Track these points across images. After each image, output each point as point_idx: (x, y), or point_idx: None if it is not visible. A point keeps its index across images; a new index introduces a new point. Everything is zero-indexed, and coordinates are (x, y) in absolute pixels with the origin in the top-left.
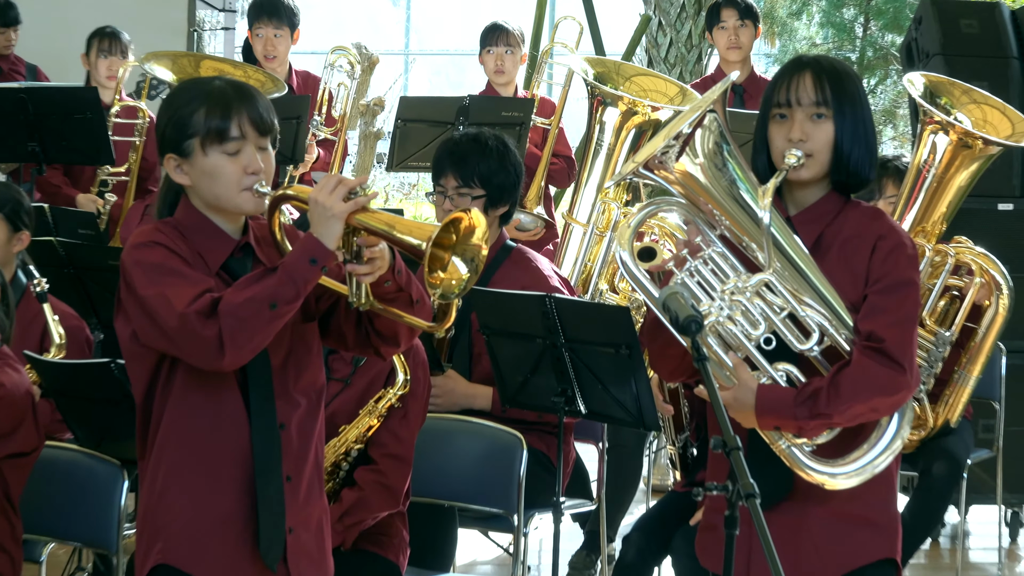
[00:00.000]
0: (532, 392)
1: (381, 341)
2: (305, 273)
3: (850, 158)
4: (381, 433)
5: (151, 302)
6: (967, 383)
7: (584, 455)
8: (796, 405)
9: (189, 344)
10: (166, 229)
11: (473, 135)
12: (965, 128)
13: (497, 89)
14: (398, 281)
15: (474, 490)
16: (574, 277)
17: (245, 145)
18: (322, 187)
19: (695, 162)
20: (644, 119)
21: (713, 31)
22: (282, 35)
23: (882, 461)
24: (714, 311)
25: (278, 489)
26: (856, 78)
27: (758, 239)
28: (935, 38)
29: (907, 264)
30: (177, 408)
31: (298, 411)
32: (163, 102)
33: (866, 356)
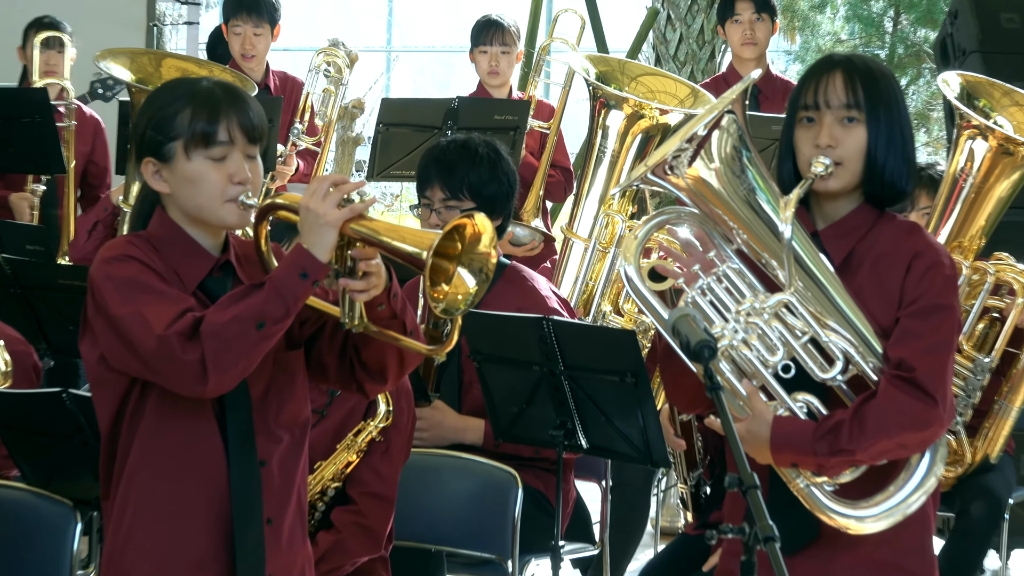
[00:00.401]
0: (528, 425)
1: (366, 375)
2: (295, 288)
3: (884, 167)
4: (361, 470)
5: (126, 322)
6: (1009, 415)
7: (585, 494)
8: (815, 440)
9: (169, 368)
10: (139, 242)
11: (462, 141)
12: (1006, 133)
13: (490, 91)
14: (393, 306)
15: (464, 533)
16: (574, 297)
17: (232, 152)
18: (314, 192)
19: (710, 167)
20: (651, 123)
21: (726, 25)
22: (262, 33)
23: (914, 501)
24: (728, 334)
25: (258, 533)
26: (893, 79)
27: (778, 255)
28: (972, 33)
29: (944, 285)
30: (147, 441)
31: (280, 447)
32: (144, 102)
33: (895, 386)
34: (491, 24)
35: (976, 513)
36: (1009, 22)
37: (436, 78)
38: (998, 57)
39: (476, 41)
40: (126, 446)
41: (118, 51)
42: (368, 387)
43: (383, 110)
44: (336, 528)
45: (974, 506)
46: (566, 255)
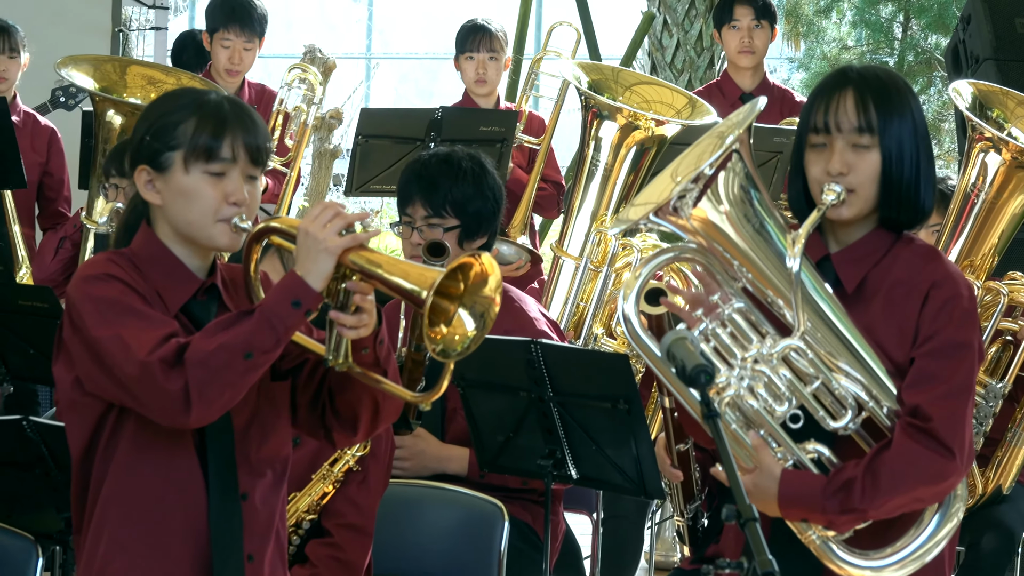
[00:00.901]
0: (515, 454)
1: (337, 423)
2: (287, 318)
3: (901, 191)
4: (337, 500)
5: (105, 345)
6: (1022, 443)
7: (575, 527)
8: (825, 497)
9: (150, 396)
10: (120, 261)
11: (444, 155)
12: (1021, 146)
13: (476, 100)
14: (378, 353)
15: (447, 568)
16: (565, 319)
17: (232, 170)
18: (315, 217)
19: (719, 209)
20: (646, 135)
21: (723, 30)
22: (252, 48)
23: (933, 547)
24: (733, 383)
25: (238, 569)
26: (909, 93)
27: (785, 294)
28: (986, 40)
29: (963, 321)
30: (122, 471)
31: (262, 481)
32: (146, 108)
33: (910, 438)
34: (478, 29)
35: (987, 547)
36: None
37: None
38: (1013, 65)
39: (462, 47)
40: (99, 476)
41: (80, 58)
42: (336, 435)
43: (362, 121)
44: (311, 562)
45: (985, 540)
46: (556, 274)
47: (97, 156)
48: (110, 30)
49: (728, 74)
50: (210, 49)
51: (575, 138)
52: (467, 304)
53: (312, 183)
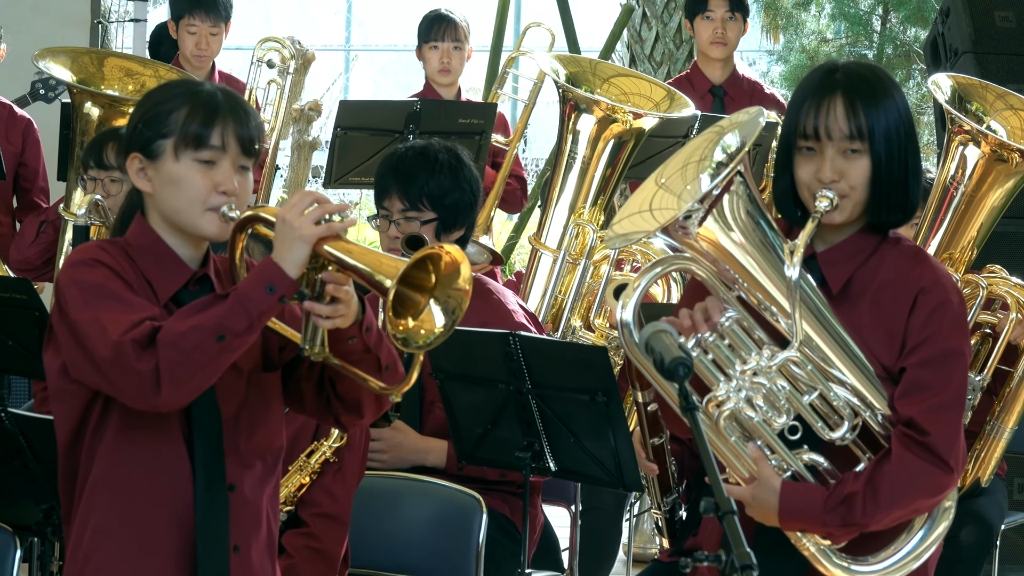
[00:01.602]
0: (493, 446)
1: (343, 408)
2: (260, 302)
3: (891, 194)
4: (313, 491)
5: (83, 327)
6: (1001, 436)
7: (554, 519)
8: (826, 511)
9: (122, 378)
10: (112, 249)
11: (420, 148)
12: (999, 139)
13: (439, 91)
14: (366, 340)
15: (425, 560)
16: (543, 312)
17: (222, 159)
18: (293, 205)
19: (730, 236)
20: (624, 128)
21: (695, 20)
22: (218, 33)
23: (925, 551)
24: (732, 396)
25: (223, 560)
26: (896, 91)
27: (780, 303)
28: (965, 33)
29: (953, 328)
30: (108, 459)
31: (251, 472)
32: (141, 98)
33: (908, 450)
34: (441, 19)
35: (966, 539)
36: (1004, 21)
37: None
38: (992, 58)
39: (425, 37)
40: (86, 465)
41: (58, 50)
42: (345, 420)
43: (341, 113)
44: (288, 552)
45: (964, 532)
46: (534, 267)
47: (75, 148)
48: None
49: (698, 66)
50: (176, 37)
51: (553, 129)
52: (440, 298)
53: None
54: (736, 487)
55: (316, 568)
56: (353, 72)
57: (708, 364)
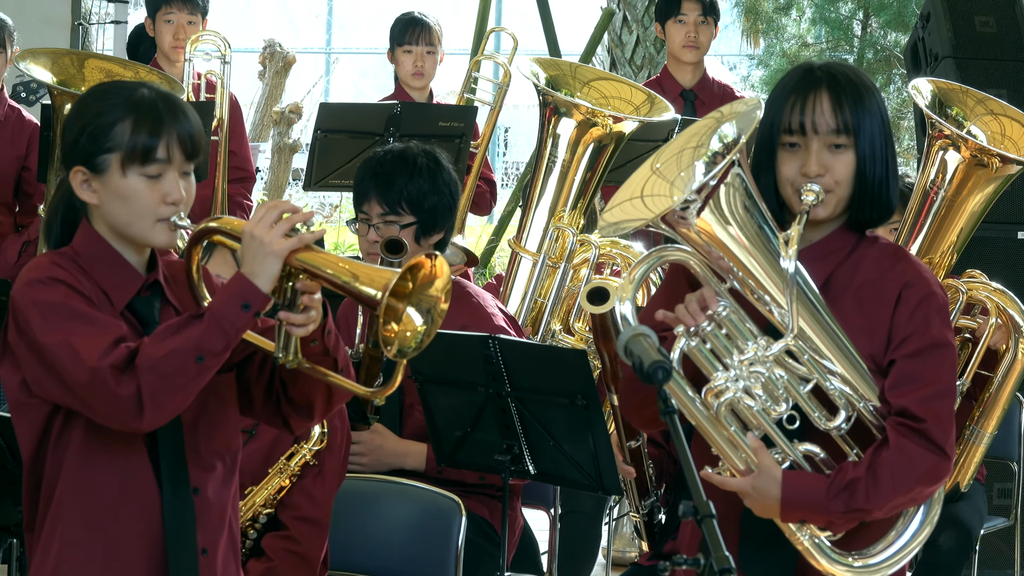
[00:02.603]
0: (473, 449)
1: (292, 411)
2: (236, 320)
3: (874, 188)
4: (293, 494)
5: (53, 351)
6: (980, 441)
7: (533, 523)
8: (829, 497)
9: (101, 402)
10: (63, 262)
11: (399, 151)
12: (980, 143)
13: (411, 93)
14: (326, 343)
15: (404, 563)
16: (523, 315)
17: (168, 170)
18: (260, 219)
19: (726, 228)
20: (604, 131)
21: (667, 24)
22: (195, 23)
23: (914, 548)
24: (731, 385)
25: (192, 564)
26: (876, 91)
27: (774, 294)
28: (945, 38)
29: (939, 320)
30: (75, 471)
31: (213, 475)
32: (76, 105)
33: (906, 438)
34: (415, 22)
35: (945, 545)
36: (984, 26)
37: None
38: (972, 63)
39: (399, 40)
40: (52, 476)
41: (39, 51)
42: (293, 422)
43: (321, 115)
44: (267, 556)
45: (943, 537)
46: (514, 270)
47: (55, 149)
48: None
49: (668, 70)
50: (153, 33)
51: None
52: (413, 302)
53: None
54: (734, 479)
55: (296, 571)
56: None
57: (706, 354)
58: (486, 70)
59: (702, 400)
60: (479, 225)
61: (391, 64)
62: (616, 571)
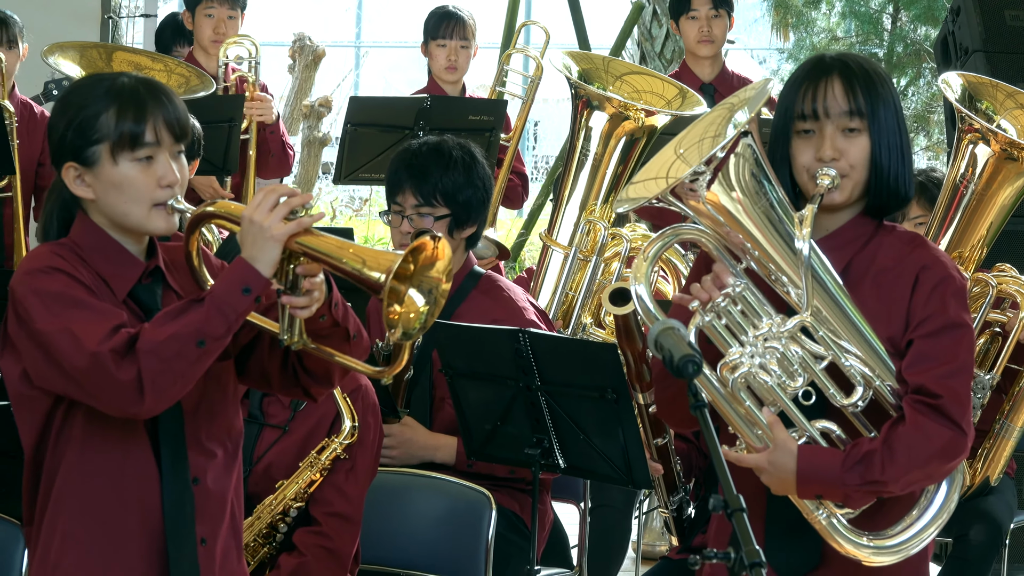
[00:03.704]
0: (503, 443)
1: (312, 380)
2: (237, 304)
3: (889, 175)
4: (324, 489)
5: (53, 338)
6: (1010, 435)
7: (563, 517)
8: (845, 470)
9: (102, 388)
10: (63, 252)
11: (434, 144)
12: (1009, 137)
13: (444, 88)
14: (335, 315)
15: (434, 557)
16: (553, 308)
17: (159, 152)
18: (258, 204)
19: (730, 194)
20: (636, 125)
21: (680, 20)
22: (235, 18)
23: (933, 530)
24: (746, 360)
25: (191, 554)
26: (888, 78)
27: (790, 274)
28: (975, 32)
29: (956, 302)
30: (75, 463)
31: (213, 463)
32: (59, 102)
33: (922, 414)
34: (449, 16)
35: (975, 538)
36: (1014, 20)
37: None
38: (1002, 57)
39: (433, 34)
40: (52, 469)
41: (67, 45)
42: (315, 390)
43: (351, 109)
44: (299, 551)
45: (973, 531)
46: (545, 264)
47: None
48: (99, 17)
49: (687, 65)
50: (192, 26)
51: (565, 126)
52: (415, 283)
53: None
54: (750, 456)
55: (327, 567)
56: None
57: (721, 329)
58: (516, 63)
59: (718, 376)
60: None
61: (424, 57)
62: (646, 565)
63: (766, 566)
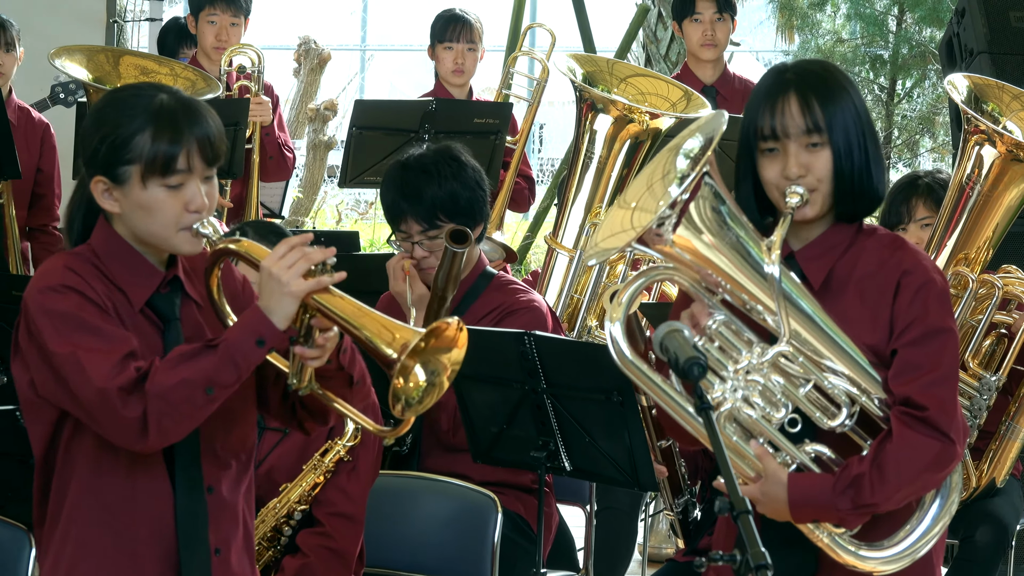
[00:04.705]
0: (508, 446)
1: (307, 416)
2: (249, 355)
3: (854, 179)
4: (327, 490)
5: (63, 362)
6: (1016, 436)
7: (569, 519)
8: (836, 495)
9: (107, 421)
10: (78, 265)
11: (416, 163)
12: (1016, 139)
13: (451, 91)
14: (341, 360)
15: (440, 560)
16: (559, 311)
17: (190, 179)
18: (279, 256)
19: (695, 231)
20: (641, 128)
21: (683, 23)
22: (238, 25)
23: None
24: (729, 396)
25: (205, 564)
26: (847, 83)
27: (765, 300)
28: (980, 33)
29: (939, 306)
30: (87, 471)
31: (228, 473)
32: (94, 112)
33: (909, 428)
34: (456, 19)
35: (981, 540)
36: (1019, 21)
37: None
38: (1007, 58)
39: (439, 37)
40: (64, 476)
41: (74, 48)
42: (308, 426)
43: (356, 112)
44: (303, 552)
45: (979, 532)
46: (550, 266)
47: None
48: (105, 21)
49: (689, 67)
50: (195, 31)
51: (570, 129)
52: (422, 360)
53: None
54: (744, 487)
55: (331, 567)
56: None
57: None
58: (522, 66)
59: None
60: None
61: (430, 61)
62: (652, 567)
63: (772, 568)
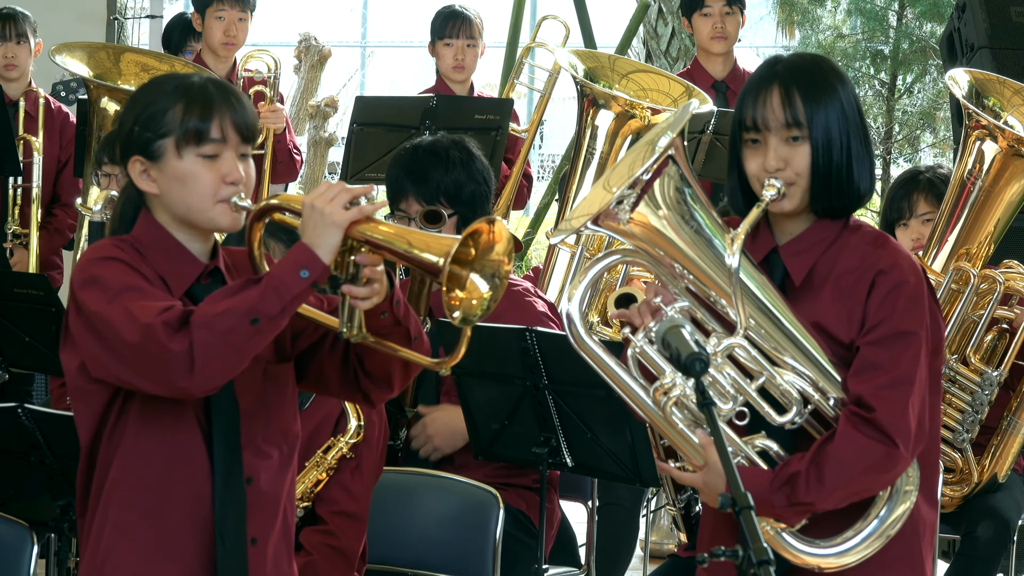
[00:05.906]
0: (510, 442)
1: (372, 384)
2: (293, 286)
3: (831, 178)
4: (330, 488)
5: (107, 317)
6: (1018, 431)
7: (571, 515)
8: (772, 491)
9: (152, 360)
10: (123, 246)
11: (428, 146)
12: (1017, 134)
13: (452, 87)
14: (396, 313)
15: (442, 556)
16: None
17: (225, 150)
18: (321, 192)
19: (657, 214)
20: (642, 123)
21: (692, 17)
22: (245, 20)
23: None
24: (679, 382)
25: (241, 553)
26: (834, 75)
27: (726, 292)
28: (981, 28)
29: (907, 308)
30: (127, 456)
31: (268, 463)
32: (128, 100)
33: (854, 427)
34: (456, 15)
35: (983, 535)
36: (1020, 16)
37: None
38: (1008, 53)
39: (440, 33)
40: (105, 462)
41: (75, 45)
42: (374, 396)
43: (357, 109)
44: (306, 550)
45: (981, 528)
46: (552, 263)
47: (92, 143)
48: (105, 18)
49: (699, 62)
50: (202, 28)
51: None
52: (477, 268)
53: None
54: (689, 474)
55: (334, 565)
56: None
57: (653, 354)
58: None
59: (652, 397)
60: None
61: (431, 57)
62: (654, 563)
63: (774, 563)
